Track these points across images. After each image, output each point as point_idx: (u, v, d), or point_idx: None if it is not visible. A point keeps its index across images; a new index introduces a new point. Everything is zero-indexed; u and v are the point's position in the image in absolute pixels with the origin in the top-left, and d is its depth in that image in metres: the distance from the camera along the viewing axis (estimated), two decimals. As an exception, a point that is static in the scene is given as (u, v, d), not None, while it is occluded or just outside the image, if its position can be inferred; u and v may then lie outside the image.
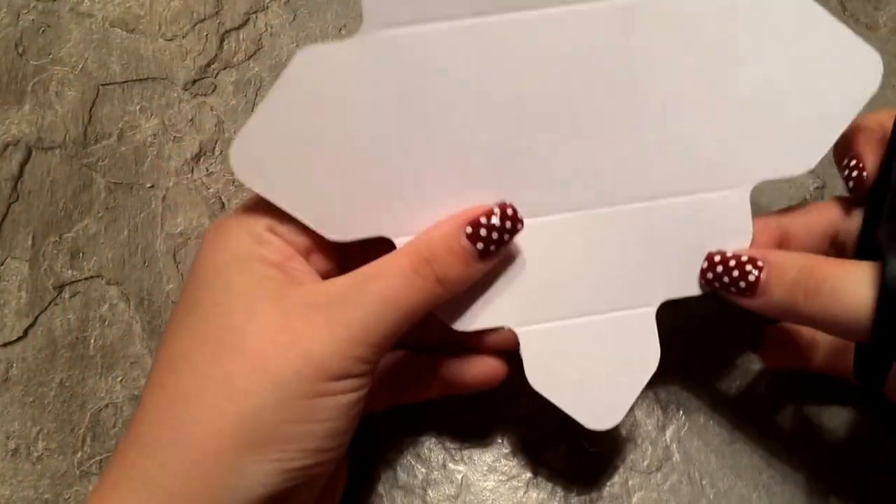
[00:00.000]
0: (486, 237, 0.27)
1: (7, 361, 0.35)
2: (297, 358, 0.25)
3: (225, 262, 0.27)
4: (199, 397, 0.25)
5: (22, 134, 0.38)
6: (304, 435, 0.25)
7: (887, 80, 0.39)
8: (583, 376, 0.29)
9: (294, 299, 0.26)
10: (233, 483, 0.24)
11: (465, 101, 0.28)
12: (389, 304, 0.26)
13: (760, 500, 0.33)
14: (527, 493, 0.33)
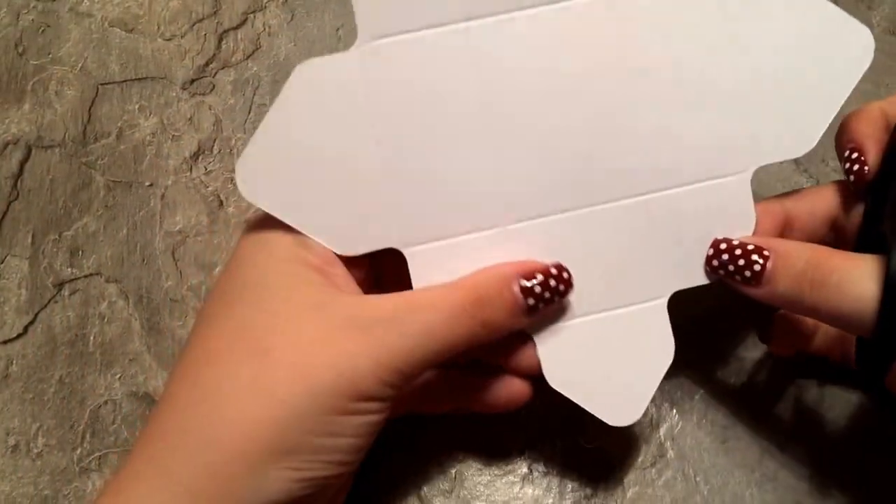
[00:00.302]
0: (538, 294, 0.27)
1: (7, 358, 0.35)
2: (332, 372, 0.25)
3: (265, 261, 0.27)
4: (231, 399, 0.25)
5: (22, 133, 0.38)
6: (329, 448, 0.25)
7: (881, 79, 0.39)
8: (600, 373, 0.30)
9: (337, 311, 0.26)
10: (255, 486, 0.24)
11: (464, 105, 0.28)
12: (434, 337, 0.26)
13: (753, 496, 0.33)
14: (522, 488, 0.34)
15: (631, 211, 0.29)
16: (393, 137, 0.28)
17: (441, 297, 0.27)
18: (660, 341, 0.30)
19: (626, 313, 0.30)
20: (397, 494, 0.33)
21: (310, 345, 0.25)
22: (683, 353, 0.35)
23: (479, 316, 0.26)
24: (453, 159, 0.28)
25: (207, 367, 0.26)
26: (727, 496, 0.33)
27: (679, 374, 0.35)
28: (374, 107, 0.27)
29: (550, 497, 0.33)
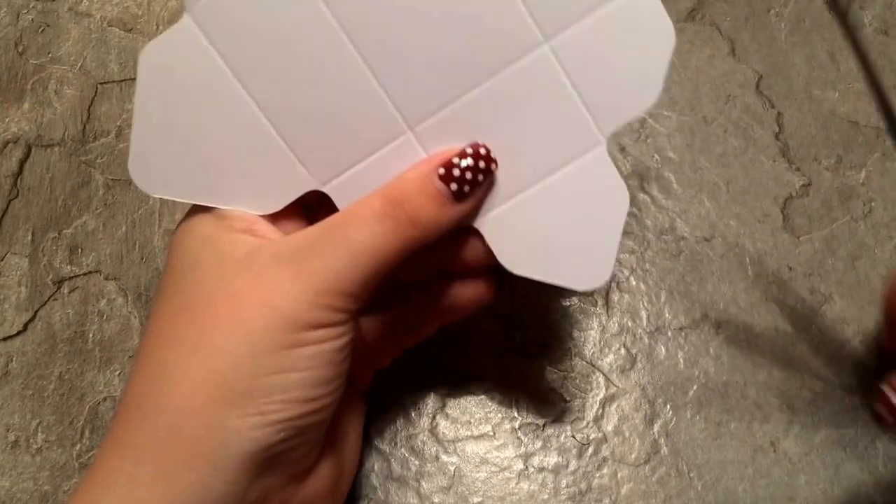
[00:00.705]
0: (459, 177, 0.26)
1: (7, 355, 0.35)
2: (266, 310, 0.24)
3: (192, 243, 0.27)
4: (176, 364, 0.25)
5: (22, 131, 0.39)
6: (284, 386, 0.25)
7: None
8: (556, 242, 0.28)
9: (262, 255, 0.26)
10: (219, 439, 0.24)
11: (318, 27, 0.27)
12: (360, 250, 0.25)
13: (746, 492, 0.33)
14: (518, 484, 0.34)
15: (533, 67, 0.27)
16: (263, 86, 0.27)
17: (359, 208, 0.26)
18: (609, 191, 0.28)
19: (565, 174, 0.28)
20: (396, 491, 0.34)
21: (239, 292, 0.25)
22: (678, 351, 0.35)
23: (403, 216, 0.26)
24: (333, 84, 0.27)
25: (152, 347, 0.26)
26: (720, 492, 0.34)
27: (673, 372, 0.35)
28: (232, 63, 0.27)
29: (546, 493, 0.34)
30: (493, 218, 0.28)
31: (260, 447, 0.24)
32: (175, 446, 0.24)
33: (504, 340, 0.36)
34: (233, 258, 0.26)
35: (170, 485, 0.24)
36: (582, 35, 0.27)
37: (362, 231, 0.25)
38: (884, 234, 0.37)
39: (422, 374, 0.35)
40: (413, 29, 0.27)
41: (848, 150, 0.39)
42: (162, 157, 0.27)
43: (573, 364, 0.35)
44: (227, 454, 0.24)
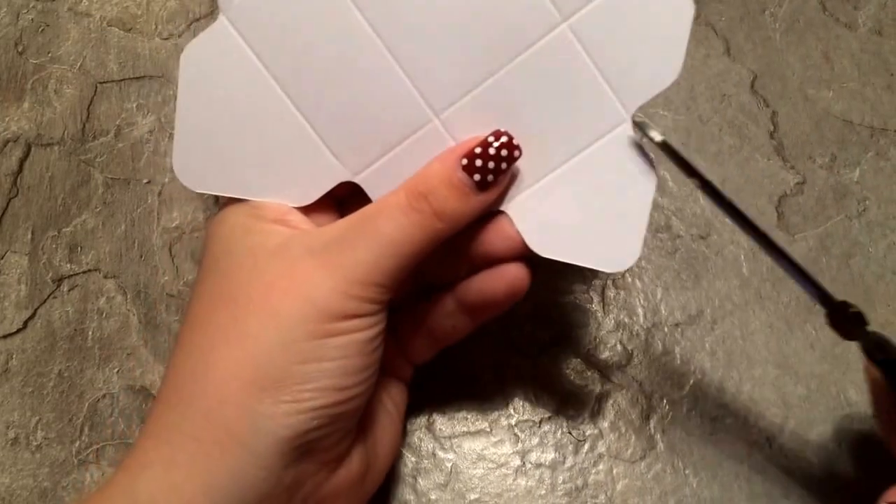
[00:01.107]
0: (482, 167, 0.27)
1: (7, 353, 0.35)
2: (299, 301, 0.25)
3: (226, 232, 0.28)
4: (213, 349, 0.26)
5: (21, 130, 0.39)
6: (317, 374, 0.25)
7: (867, 78, 0.40)
8: (584, 224, 0.28)
9: (295, 246, 0.26)
10: (255, 425, 0.25)
11: (347, 23, 0.27)
12: (387, 242, 0.26)
13: (741, 489, 0.34)
14: (515, 480, 0.34)
15: (553, 47, 0.27)
16: (295, 80, 0.28)
17: (386, 202, 0.27)
18: (636, 169, 0.28)
19: (590, 153, 0.28)
20: (392, 487, 0.34)
21: (273, 282, 0.26)
22: (673, 347, 0.36)
23: (428, 209, 0.26)
24: (360, 76, 0.28)
25: (190, 334, 0.27)
26: (716, 488, 0.34)
27: (669, 369, 0.35)
28: (265, 60, 0.28)
29: (542, 489, 0.34)
30: (520, 201, 0.29)
31: (294, 433, 0.25)
32: (211, 430, 0.25)
33: (500, 337, 0.36)
34: (265, 248, 0.27)
35: (206, 468, 0.24)
36: (600, 12, 0.27)
37: (390, 224, 0.26)
38: (878, 233, 0.38)
39: (418, 370, 0.35)
40: (434, 17, 0.27)
41: (842, 148, 0.39)
42: (203, 154, 0.28)
43: (569, 361, 0.36)
44: (262, 439, 0.25)
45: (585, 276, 0.37)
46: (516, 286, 0.29)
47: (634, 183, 0.28)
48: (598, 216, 0.28)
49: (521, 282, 0.29)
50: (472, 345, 0.36)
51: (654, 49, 0.27)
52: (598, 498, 0.34)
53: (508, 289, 0.29)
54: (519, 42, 0.28)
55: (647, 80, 0.28)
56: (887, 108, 0.39)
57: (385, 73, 0.28)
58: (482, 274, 0.30)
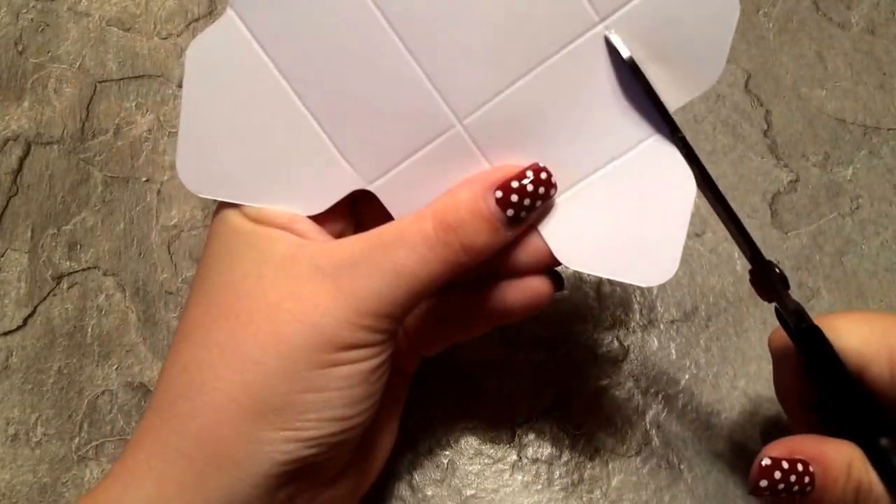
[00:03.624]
0: (517, 203, 0.25)
1: (7, 350, 0.36)
2: (304, 328, 0.24)
3: (228, 231, 0.26)
4: (211, 367, 0.24)
5: (21, 129, 0.39)
6: (318, 404, 0.24)
7: (860, 77, 0.40)
8: (618, 235, 0.27)
9: (303, 262, 0.25)
10: (250, 450, 0.24)
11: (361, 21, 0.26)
12: (407, 274, 0.24)
13: (737, 484, 0.34)
14: (511, 475, 0.34)
15: (587, 50, 0.26)
16: (306, 79, 0.26)
17: (409, 229, 0.25)
18: (674, 177, 0.26)
19: (625, 161, 0.26)
20: (389, 483, 0.34)
21: (278, 302, 0.24)
22: (669, 344, 0.36)
23: (454, 242, 0.24)
24: (377, 76, 0.26)
25: (186, 341, 0.26)
26: (710, 484, 0.34)
27: (665, 364, 0.36)
28: (275, 56, 0.26)
29: (539, 484, 0.34)
30: (551, 212, 0.27)
31: (290, 459, 0.24)
32: (205, 450, 0.24)
33: (497, 333, 0.36)
34: (271, 260, 0.25)
35: (198, 486, 0.24)
36: (639, 13, 0.25)
37: (412, 256, 0.24)
38: (871, 230, 0.38)
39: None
40: (459, 16, 0.25)
41: (835, 146, 0.39)
42: (208, 157, 0.26)
43: (566, 357, 0.36)
44: (257, 463, 0.24)
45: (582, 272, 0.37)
46: (538, 301, 0.28)
47: (672, 193, 0.26)
48: (632, 228, 0.27)
49: (543, 297, 0.28)
50: (469, 340, 0.36)
51: (695, 48, 0.26)
52: (593, 493, 0.34)
53: (530, 302, 0.28)
54: (551, 43, 0.26)
55: (686, 82, 0.26)
56: (880, 106, 0.40)
57: (404, 73, 0.26)
58: (505, 284, 0.28)
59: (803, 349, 0.27)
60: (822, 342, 0.26)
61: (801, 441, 0.26)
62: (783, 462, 0.25)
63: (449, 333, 0.31)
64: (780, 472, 0.25)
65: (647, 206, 0.27)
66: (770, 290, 0.27)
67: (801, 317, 0.26)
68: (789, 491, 0.25)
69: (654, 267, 0.27)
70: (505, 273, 0.28)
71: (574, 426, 0.35)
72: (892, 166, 0.39)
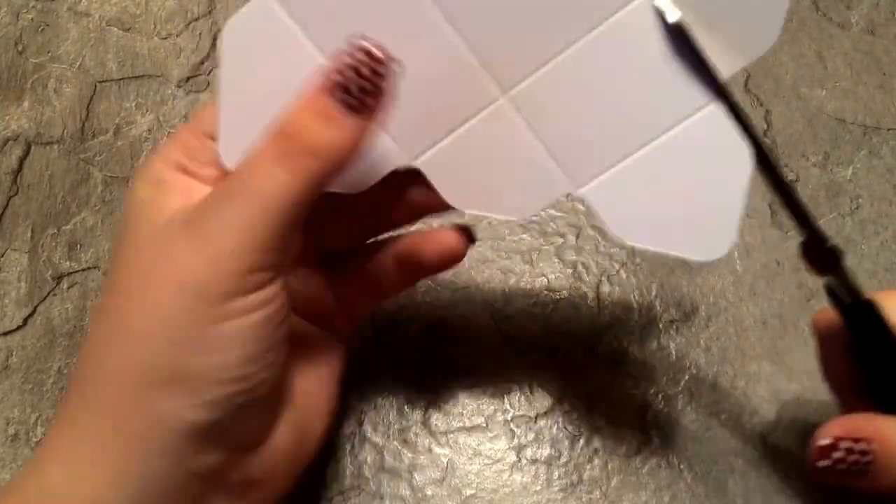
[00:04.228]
0: (344, 85, 0.23)
1: (7, 350, 0.36)
2: (176, 288, 0.23)
3: (130, 205, 0.25)
4: (106, 343, 0.24)
5: (21, 129, 0.39)
6: (212, 366, 0.23)
7: (860, 77, 0.40)
8: (672, 209, 0.26)
9: (170, 224, 0.24)
10: (150, 421, 0.23)
11: None
12: (262, 201, 0.23)
13: (736, 484, 0.34)
14: (511, 476, 0.34)
15: (638, 17, 0.25)
16: None
17: (254, 157, 0.23)
18: (729, 148, 0.25)
19: (678, 132, 0.26)
20: (388, 483, 0.34)
21: (151, 268, 0.23)
22: (669, 343, 0.36)
23: (297, 150, 0.23)
24: (417, 51, 0.25)
25: (92, 323, 0.26)
26: (710, 484, 0.34)
27: (664, 364, 0.36)
28: (311, 34, 0.25)
29: (538, 484, 0.34)
30: (601, 185, 0.26)
31: (194, 426, 0.23)
32: (111, 426, 0.23)
33: (496, 333, 0.36)
34: (151, 230, 0.24)
35: (108, 459, 0.23)
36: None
37: (262, 179, 0.23)
38: (870, 230, 0.38)
39: (415, 366, 0.35)
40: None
41: (835, 147, 0.39)
42: (250, 138, 0.25)
43: (565, 357, 0.36)
44: (161, 435, 0.23)
45: (581, 272, 0.37)
46: (452, 254, 0.28)
47: (728, 162, 0.25)
48: (687, 200, 0.26)
49: (456, 250, 0.28)
50: (468, 341, 0.36)
51: (749, 10, 0.24)
52: (593, 493, 0.34)
53: (443, 257, 0.28)
54: (598, 11, 0.25)
55: (741, 46, 0.25)
56: (880, 106, 0.40)
57: (447, 47, 0.25)
58: (415, 238, 0.28)
59: (855, 326, 0.26)
60: (877, 317, 0.25)
61: (857, 420, 0.25)
62: (841, 441, 0.25)
63: (375, 293, 0.30)
64: (840, 451, 0.25)
65: (702, 177, 0.26)
66: (825, 263, 0.26)
67: (855, 292, 0.26)
68: (850, 471, 0.25)
69: (710, 240, 0.26)
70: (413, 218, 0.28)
71: (573, 426, 0.35)
72: (892, 166, 0.39)
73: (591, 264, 0.37)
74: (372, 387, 0.35)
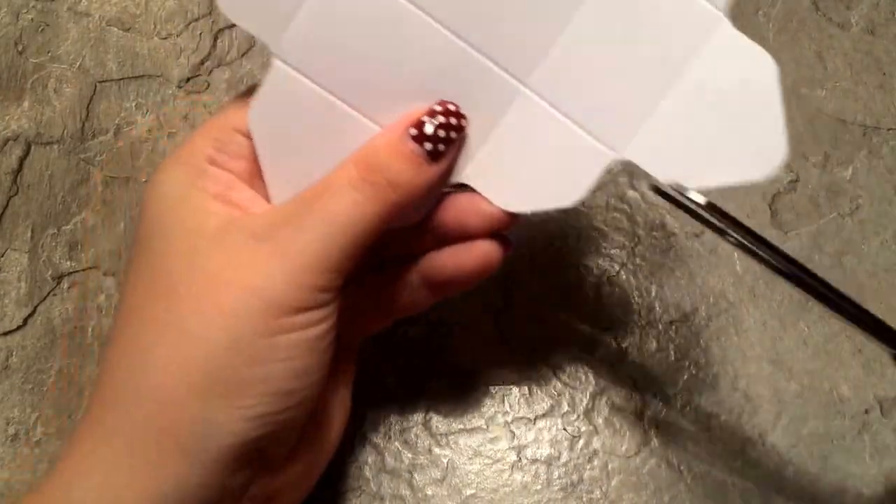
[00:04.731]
0: (431, 136, 0.25)
1: (7, 350, 0.36)
2: (246, 294, 0.23)
3: (159, 207, 0.25)
4: (153, 347, 0.24)
5: (21, 129, 0.39)
6: (265, 377, 0.23)
7: (860, 77, 0.40)
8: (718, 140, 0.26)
9: (238, 231, 0.24)
10: (198, 432, 0.23)
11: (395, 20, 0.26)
12: (341, 221, 0.24)
13: (735, 484, 0.34)
14: (511, 476, 0.34)
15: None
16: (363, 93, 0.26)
17: (335, 179, 0.25)
18: (750, 61, 0.26)
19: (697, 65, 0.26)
20: (389, 483, 0.34)
21: (215, 273, 0.24)
22: (668, 344, 0.36)
23: (380, 181, 0.24)
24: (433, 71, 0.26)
25: (126, 326, 0.25)
26: (710, 484, 0.34)
27: (664, 364, 0.36)
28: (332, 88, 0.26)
29: (538, 484, 0.34)
30: (641, 141, 0.26)
31: (241, 441, 0.23)
32: (153, 436, 0.23)
33: (496, 335, 0.36)
34: (203, 233, 0.24)
35: (147, 473, 0.23)
36: None
37: (342, 202, 0.24)
38: (870, 231, 0.38)
39: (415, 367, 0.36)
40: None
41: (835, 147, 0.39)
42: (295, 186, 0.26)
43: (565, 357, 0.36)
44: (206, 447, 0.23)
45: (581, 272, 0.37)
46: (488, 263, 0.28)
47: (754, 75, 0.26)
48: (729, 126, 0.26)
49: (493, 258, 0.28)
50: (468, 342, 0.36)
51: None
52: (593, 493, 0.34)
53: (480, 265, 0.28)
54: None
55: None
56: (880, 106, 0.40)
57: (457, 57, 0.26)
58: (451, 249, 0.28)
59: None
60: None
61: None
62: None
63: (392, 311, 0.30)
64: None
65: (734, 98, 0.26)
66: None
67: None
68: None
69: (763, 155, 0.26)
70: (450, 240, 0.28)
71: (573, 427, 0.35)
72: (892, 166, 0.39)
73: (591, 265, 0.37)
74: (372, 388, 0.35)
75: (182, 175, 0.25)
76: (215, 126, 0.27)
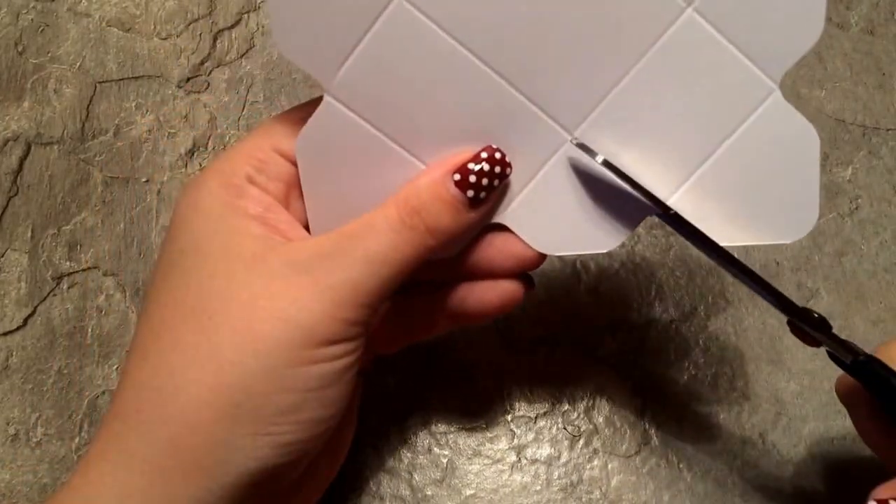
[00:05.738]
0: (475, 184, 0.25)
1: (7, 350, 0.36)
2: (282, 324, 0.23)
3: (197, 222, 0.25)
4: (184, 370, 0.24)
5: (21, 130, 0.39)
6: (296, 405, 0.24)
7: (860, 77, 0.40)
8: (755, 201, 0.27)
9: (276, 259, 0.24)
10: (222, 457, 0.23)
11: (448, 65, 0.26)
12: (379, 261, 0.24)
13: (735, 484, 0.34)
14: (511, 476, 0.34)
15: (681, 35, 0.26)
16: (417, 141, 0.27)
17: (375, 218, 0.25)
18: (796, 133, 0.26)
19: (745, 130, 0.27)
20: (388, 483, 0.34)
21: (252, 300, 0.24)
22: (669, 344, 0.36)
23: (420, 225, 0.25)
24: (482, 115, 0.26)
25: (154, 342, 0.24)
26: (710, 483, 0.34)
27: (664, 365, 0.36)
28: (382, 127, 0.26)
29: (538, 484, 0.34)
30: (685, 194, 0.27)
31: (263, 467, 0.24)
32: (175, 458, 0.23)
33: (496, 335, 0.36)
34: (241, 259, 0.24)
35: (164, 496, 0.23)
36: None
37: (381, 242, 0.24)
38: (870, 230, 0.38)
39: (415, 367, 0.36)
40: (546, 34, 0.26)
41: (834, 147, 0.39)
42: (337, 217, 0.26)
43: (564, 357, 0.36)
44: (228, 471, 0.23)
45: (581, 273, 0.37)
46: (512, 302, 0.29)
47: (797, 146, 0.27)
48: (767, 190, 0.27)
49: (516, 298, 0.28)
50: (469, 342, 0.36)
51: (791, 8, 0.25)
52: (593, 493, 0.34)
53: (503, 304, 0.28)
54: (644, 38, 0.26)
55: (789, 43, 0.26)
56: (879, 107, 0.40)
57: (507, 104, 0.26)
58: (478, 286, 0.28)
59: (866, 381, 0.26)
60: (883, 369, 0.26)
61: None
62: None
63: (411, 333, 0.30)
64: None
65: (776, 165, 0.27)
66: (813, 336, 0.27)
67: (854, 351, 0.26)
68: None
69: (795, 220, 0.27)
70: (481, 275, 0.28)
71: (573, 427, 0.35)
72: (892, 166, 0.39)
73: (590, 265, 0.37)
74: (372, 388, 0.35)
75: (222, 192, 0.25)
76: (256, 145, 0.26)
